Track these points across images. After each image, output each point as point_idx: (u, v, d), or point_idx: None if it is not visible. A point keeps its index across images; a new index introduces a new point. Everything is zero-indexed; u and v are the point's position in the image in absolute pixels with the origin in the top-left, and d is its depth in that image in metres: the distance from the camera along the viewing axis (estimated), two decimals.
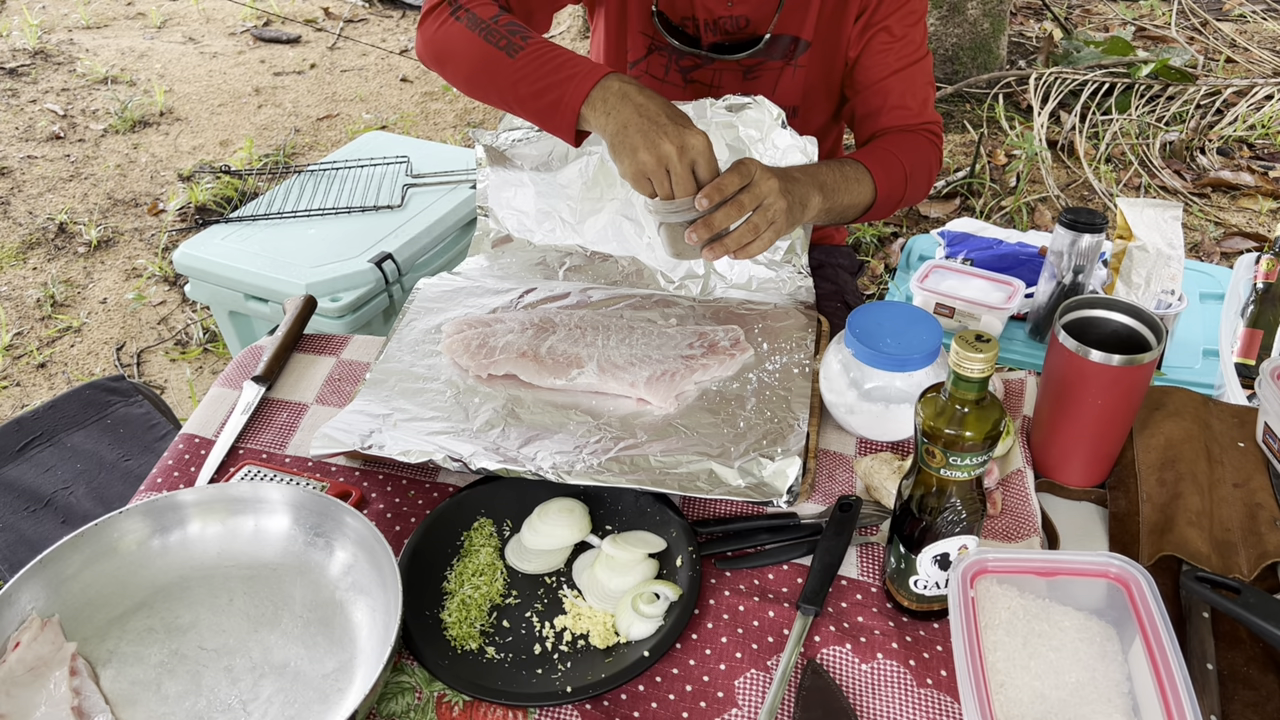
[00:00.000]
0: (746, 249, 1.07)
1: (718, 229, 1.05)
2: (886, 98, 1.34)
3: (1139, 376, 0.97)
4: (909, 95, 1.34)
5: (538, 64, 1.10)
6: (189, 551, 0.96)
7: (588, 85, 1.06)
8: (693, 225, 1.05)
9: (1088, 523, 1.03)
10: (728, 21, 1.35)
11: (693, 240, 1.06)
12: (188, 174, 3.53)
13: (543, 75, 1.09)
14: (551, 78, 1.09)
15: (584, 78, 1.07)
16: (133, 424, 1.50)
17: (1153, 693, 0.76)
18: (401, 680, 0.88)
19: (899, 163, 1.29)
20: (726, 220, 1.05)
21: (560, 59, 1.10)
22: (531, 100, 1.11)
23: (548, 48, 1.11)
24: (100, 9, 4.93)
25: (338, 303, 1.76)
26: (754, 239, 1.06)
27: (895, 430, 1.09)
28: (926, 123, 1.36)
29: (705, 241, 1.06)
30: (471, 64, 1.16)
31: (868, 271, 2.85)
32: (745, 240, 1.06)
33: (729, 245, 1.06)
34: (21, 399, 2.56)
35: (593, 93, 1.06)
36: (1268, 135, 3.34)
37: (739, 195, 1.05)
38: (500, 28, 1.13)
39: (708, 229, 1.05)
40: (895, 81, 1.33)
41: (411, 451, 1.03)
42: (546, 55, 1.10)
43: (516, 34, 1.13)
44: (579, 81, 1.07)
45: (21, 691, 0.82)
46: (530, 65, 1.10)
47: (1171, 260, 1.44)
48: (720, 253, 1.06)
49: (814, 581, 0.93)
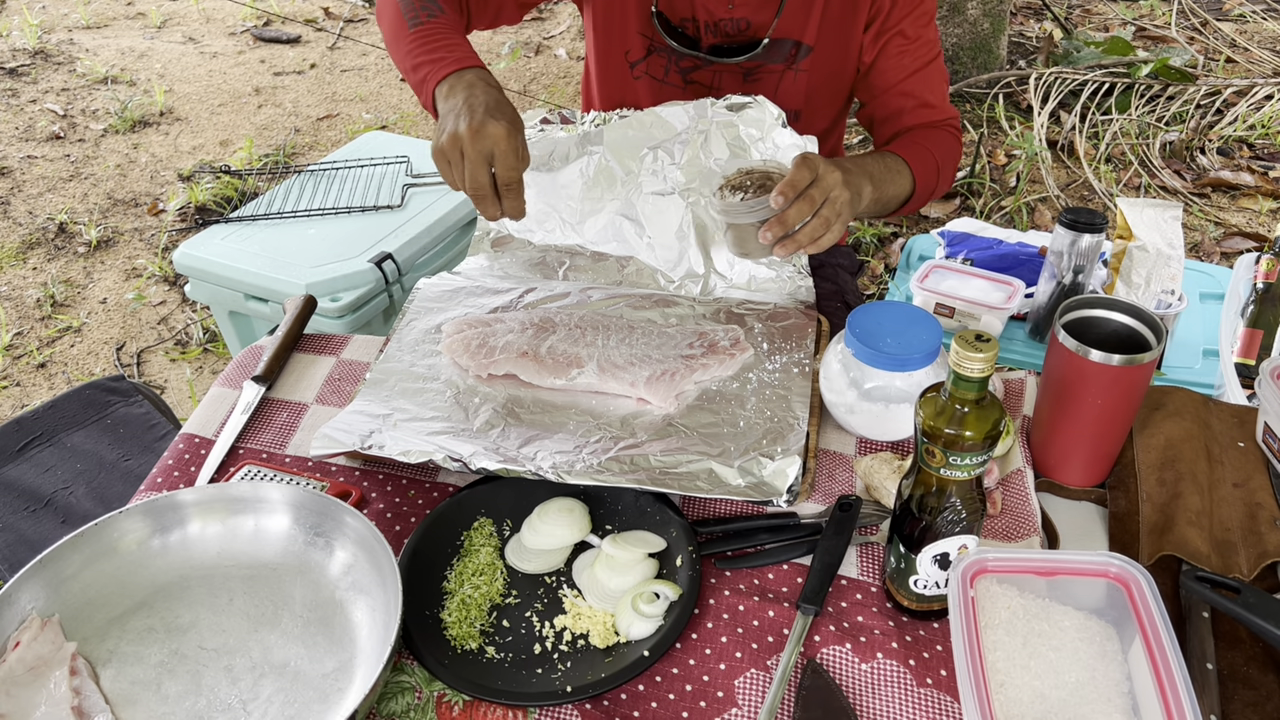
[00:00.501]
0: (818, 242, 1.08)
1: (791, 226, 1.06)
2: (908, 99, 1.36)
3: (1139, 376, 0.97)
4: (930, 94, 1.36)
5: (423, 41, 1.16)
6: (189, 551, 0.96)
7: (446, 71, 1.12)
8: (766, 224, 1.07)
9: (1088, 523, 1.03)
10: (728, 24, 1.35)
11: (766, 239, 1.07)
12: (188, 174, 3.53)
13: (423, 52, 1.15)
14: (428, 56, 1.15)
15: (448, 64, 1.13)
16: (133, 424, 1.50)
17: (1153, 693, 0.76)
18: (401, 680, 0.88)
19: (931, 155, 1.32)
20: (799, 217, 1.06)
21: (442, 42, 1.15)
22: (411, 73, 1.17)
23: (441, 30, 1.17)
24: (100, 9, 4.93)
25: (338, 303, 1.76)
26: (825, 232, 1.08)
27: (895, 430, 1.09)
28: (949, 118, 1.38)
29: (779, 239, 1.07)
30: (388, 28, 1.24)
31: (868, 271, 2.85)
32: (817, 234, 1.08)
33: (801, 240, 1.08)
34: (21, 399, 2.57)
35: (448, 78, 1.12)
36: (1268, 135, 3.34)
37: (809, 190, 1.06)
38: (418, 3, 1.19)
39: (782, 226, 1.06)
40: (914, 83, 1.35)
41: (411, 451, 1.03)
42: (434, 35, 1.16)
43: (425, 10, 1.19)
44: (443, 66, 1.13)
45: (21, 691, 0.82)
46: (418, 41, 1.16)
47: (1171, 260, 1.44)
48: (793, 249, 1.08)
49: (814, 581, 0.93)
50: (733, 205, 1.09)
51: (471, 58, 1.14)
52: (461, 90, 1.09)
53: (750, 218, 1.09)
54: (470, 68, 1.12)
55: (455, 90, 1.10)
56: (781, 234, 1.07)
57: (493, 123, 1.03)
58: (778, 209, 1.06)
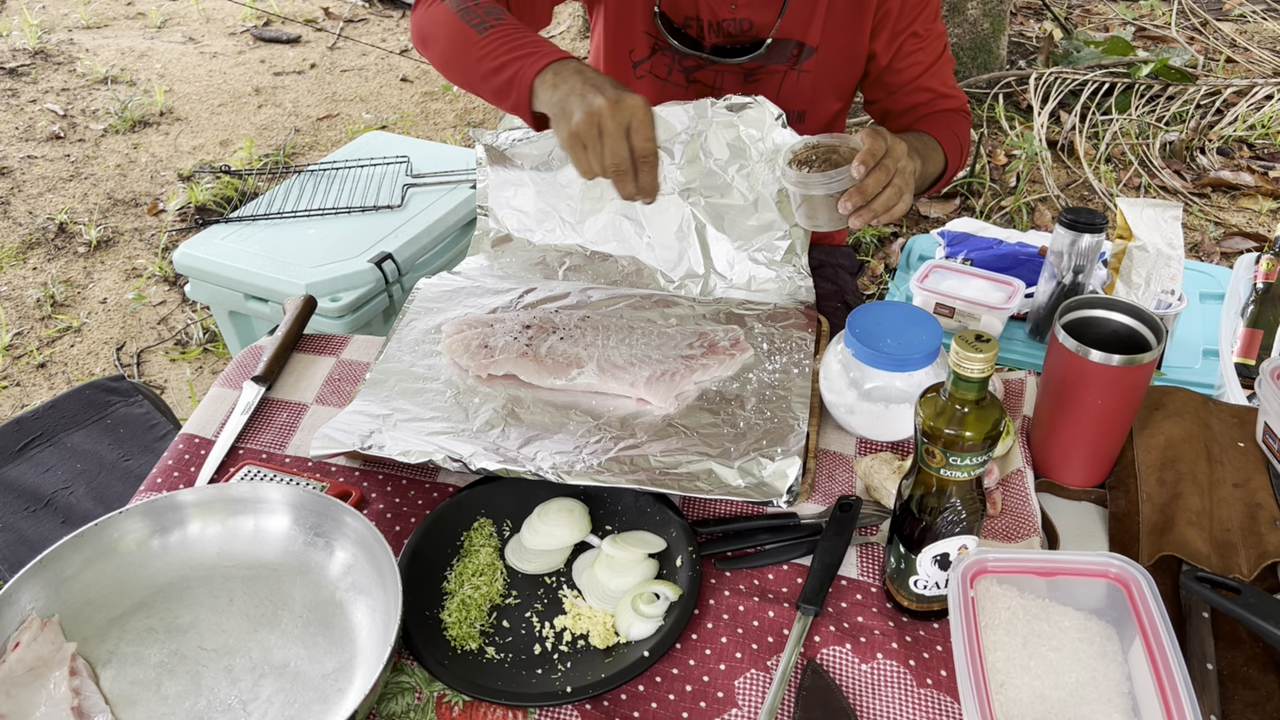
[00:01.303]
0: (891, 211, 1.10)
1: (870, 195, 1.08)
2: (924, 94, 1.40)
3: (1139, 376, 0.97)
4: (944, 85, 1.41)
5: (502, 40, 1.11)
6: (189, 551, 0.96)
7: (544, 62, 1.07)
8: (846, 194, 1.08)
9: (1088, 523, 1.03)
10: (731, 24, 1.35)
11: (846, 209, 1.09)
12: (188, 174, 3.53)
13: (505, 51, 1.10)
14: (512, 54, 1.09)
15: (542, 56, 1.07)
16: (133, 424, 1.50)
17: (1153, 693, 0.76)
18: (401, 680, 0.88)
19: (955, 136, 1.37)
20: (877, 185, 1.08)
21: (526, 39, 1.10)
22: (493, 76, 1.11)
23: (517, 29, 1.12)
24: (100, 9, 4.93)
25: (338, 303, 1.76)
26: (898, 201, 1.09)
27: (895, 430, 1.09)
28: (961, 103, 1.43)
29: (857, 208, 1.09)
30: (447, 40, 1.18)
31: (868, 271, 2.85)
32: (891, 203, 1.09)
33: (877, 209, 1.09)
34: (21, 399, 2.56)
35: (547, 69, 1.06)
36: (1268, 135, 3.34)
37: (884, 160, 1.07)
38: (479, 8, 1.15)
39: (861, 195, 1.08)
40: (929, 78, 1.39)
41: (411, 452, 1.03)
42: (513, 34, 1.11)
43: (492, 14, 1.14)
44: (536, 59, 1.07)
45: (21, 691, 0.82)
46: (495, 42, 1.11)
47: (1171, 260, 1.44)
48: (869, 218, 1.09)
49: (814, 581, 0.93)
50: (809, 177, 1.10)
51: (561, 50, 1.09)
52: (571, 75, 1.04)
53: (826, 189, 1.11)
54: (565, 58, 1.08)
55: (563, 76, 1.04)
56: (861, 203, 1.08)
57: (628, 95, 1.00)
58: (859, 178, 1.07)
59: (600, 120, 0.99)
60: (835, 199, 1.11)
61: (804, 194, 1.13)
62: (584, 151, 1.02)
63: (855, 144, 1.11)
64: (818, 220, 1.15)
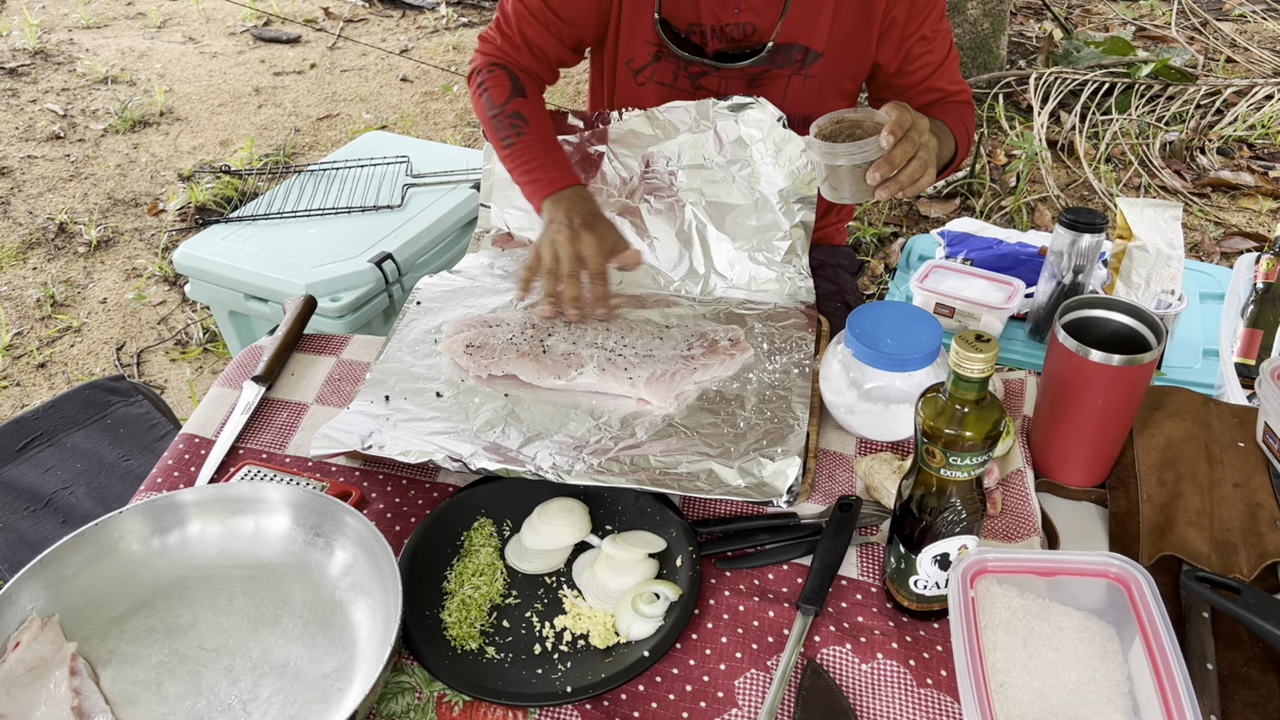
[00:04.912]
0: (917, 184, 1.13)
1: (898, 165, 1.10)
2: (934, 93, 1.42)
3: (1139, 376, 0.97)
4: (952, 82, 1.43)
5: (520, 161, 1.34)
6: (189, 551, 0.96)
7: (548, 191, 1.30)
8: (874, 164, 1.10)
9: (1088, 523, 1.03)
10: (734, 29, 1.35)
11: (874, 179, 1.11)
12: (188, 174, 3.53)
13: (522, 172, 1.34)
14: (527, 175, 1.33)
15: (549, 183, 1.31)
16: (133, 424, 1.50)
17: (1153, 693, 0.76)
18: (401, 680, 0.88)
19: (963, 124, 1.40)
20: (904, 156, 1.10)
21: (535, 162, 1.33)
22: (519, 184, 1.36)
23: (530, 147, 1.34)
24: (100, 9, 4.93)
25: (338, 303, 1.76)
26: (923, 174, 1.12)
27: (895, 430, 1.09)
28: (967, 96, 1.46)
29: (885, 179, 1.11)
30: (491, 141, 1.41)
31: (868, 271, 2.85)
32: (917, 175, 1.12)
33: (903, 180, 1.12)
34: (21, 399, 2.57)
35: (547, 199, 1.30)
36: (1268, 135, 3.34)
37: (910, 132, 1.10)
38: (504, 119, 1.36)
39: (889, 166, 1.10)
40: (938, 78, 1.41)
41: (411, 451, 1.03)
42: (526, 156, 1.34)
43: (514, 126, 1.35)
44: (543, 186, 1.31)
45: (21, 691, 0.82)
46: (515, 162, 1.35)
47: (1171, 260, 1.44)
48: (895, 190, 1.12)
49: (814, 581, 0.93)
50: (838, 148, 1.11)
51: (564, 173, 1.31)
52: (561, 208, 1.27)
53: (852, 159, 1.12)
54: (566, 188, 1.30)
55: (556, 206, 1.28)
56: (889, 173, 1.10)
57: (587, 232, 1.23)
58: (887, 148, 1.09)
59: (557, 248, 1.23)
60: (862, 170, 1.12)
61: (831, 165, 1.14)
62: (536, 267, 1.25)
63: (879, 118, 1.12)
64: (842, 192, 1.16)
